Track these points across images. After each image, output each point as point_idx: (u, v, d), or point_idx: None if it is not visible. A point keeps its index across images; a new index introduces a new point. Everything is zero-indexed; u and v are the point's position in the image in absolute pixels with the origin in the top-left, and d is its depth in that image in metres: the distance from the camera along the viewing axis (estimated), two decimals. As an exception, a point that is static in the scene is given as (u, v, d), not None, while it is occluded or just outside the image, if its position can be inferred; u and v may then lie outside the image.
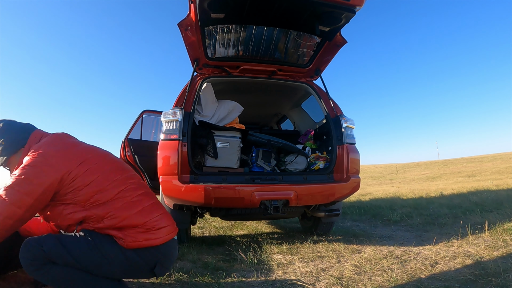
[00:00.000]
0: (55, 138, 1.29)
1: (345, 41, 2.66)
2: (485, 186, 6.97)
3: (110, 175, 1.25)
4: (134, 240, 1.20)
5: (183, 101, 2.52)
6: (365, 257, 2.08)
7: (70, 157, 1.21)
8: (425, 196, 6.00)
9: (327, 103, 2.88)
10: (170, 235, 1.30)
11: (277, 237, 3.06)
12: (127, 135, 4.01)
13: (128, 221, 1.20)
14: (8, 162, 1.30)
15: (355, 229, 3.41)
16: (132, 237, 1.20)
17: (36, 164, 1.15)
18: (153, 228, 1.24)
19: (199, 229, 3.76)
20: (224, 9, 2.31)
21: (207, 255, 2.34)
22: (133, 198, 1.25)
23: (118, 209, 1.20)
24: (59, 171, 1.16)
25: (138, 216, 1.23)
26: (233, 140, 2.72)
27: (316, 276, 1.76)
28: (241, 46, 2.83)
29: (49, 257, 1.11)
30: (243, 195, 2.24)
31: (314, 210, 2.76)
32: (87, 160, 1.23)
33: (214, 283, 1.65)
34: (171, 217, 1.36)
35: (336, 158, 2.64)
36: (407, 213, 4.01)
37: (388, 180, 22.22)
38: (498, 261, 1.77)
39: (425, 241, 2.52)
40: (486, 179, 11.63)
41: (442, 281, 1.56)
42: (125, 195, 1.24)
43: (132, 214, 1.21)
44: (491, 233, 2.47)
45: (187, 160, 2.32)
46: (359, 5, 2.22)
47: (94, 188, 1.19)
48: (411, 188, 9.62)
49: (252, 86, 3.31)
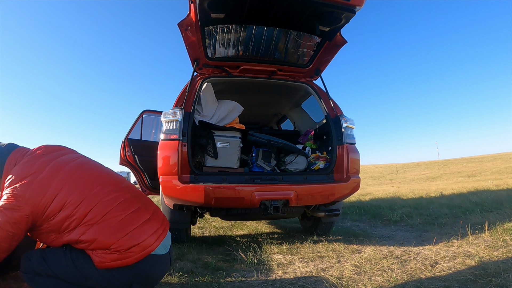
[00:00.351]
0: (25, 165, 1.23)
1: (345, 41, 2.66)
2: (485, 186, 6.97)
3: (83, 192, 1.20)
4: (102, 261, 1.16)
5: (183, 101, 2.52)
6: (365, 257, 2.08)
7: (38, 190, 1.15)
8: (425, 196, 6.00)
9: (327, 103, 2.88)
10: (146, 251, 1.19)
11: (277, 237, 3.06)
12: (127, 135, 4.01)
13: (96, 244, 1.15)
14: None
15: (355, 229, 3.41)
16: (100, 257, 1.16)
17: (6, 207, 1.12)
18: (122, 249, 1.16)
19: (199, 229, 3.76)
20: (224, 9, 2.31)
21: (207, 255, 2.34)
22: (104, 217, 1.18)
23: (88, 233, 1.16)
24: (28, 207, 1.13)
25: (106, 238, 1.16)
26: (233, 140, 2.72)
27: (316, 276, 1.76)
28: (241, 46, 2.83)
29: (34, 270, 1.20)
30: (243, 195, 2.24)
31: (314, 210, 2.76)
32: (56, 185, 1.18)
33: (214, 283, 1.65)
34: (153, 225, 1.26)
35: (336, 158, 2.64)
36: (407, 213, 4.01)
37: (388, 180, 22.23)
38: (498, 261, 1.77)
39: (425, 241, 2.52)
40: (486, 179, 11.63)
41: (442, 281, 1.56)
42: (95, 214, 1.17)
43: (101, 236, 1.15)
44: (491, 233, 2.47)
45: (187, 160, 2.32)
46: (359, 5, 2.22)
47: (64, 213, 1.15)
48: (411, 188, 9.62)
49: (252, 86, 3.31)
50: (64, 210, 1.15)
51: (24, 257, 1.23)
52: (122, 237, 1.17)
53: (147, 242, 1.20)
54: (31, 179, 1.17)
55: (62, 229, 1.17)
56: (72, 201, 1.17)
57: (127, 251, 1.17)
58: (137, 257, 1.18)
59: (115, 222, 1.19)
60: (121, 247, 1.16)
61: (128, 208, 1.24)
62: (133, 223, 1.21)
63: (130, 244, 1.17)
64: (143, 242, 1.19)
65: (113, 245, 1.15)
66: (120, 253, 1.16)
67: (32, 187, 1.15)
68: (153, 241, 1.22)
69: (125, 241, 1.17)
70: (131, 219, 1.22)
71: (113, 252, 1.16)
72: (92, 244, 1.16)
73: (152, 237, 1.23)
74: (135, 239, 1.19)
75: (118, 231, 1.17)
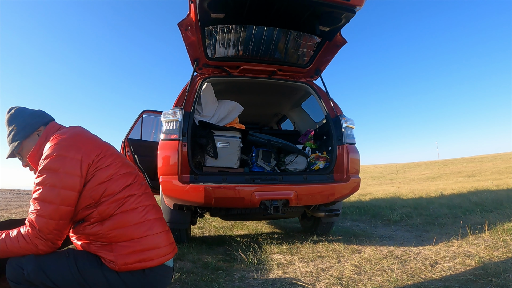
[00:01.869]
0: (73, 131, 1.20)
1: (345, 41, 2.66)
2: (485, 186, 6.97)
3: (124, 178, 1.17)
4: (125, 262, 1.09)
5: (183, 101, 2.52)
6: (365, 257, 2.08)
7: (91, 149, 1.14)
8: (425, 196, 6.00)
9: (327, 103, 2.88)
10: (165, 258, 1.17)
11: (277, 237, 3.06)
12: (127, 135, 4.02)
13: (127, 229, 1.11)
14: (21, 148, 1.24)
15: (355, 229, 3.41)
16: (124, 258, 1.10)
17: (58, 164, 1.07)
18: (147, 247, 1.12)
19: (199, 229, 3.77)
20: (224, 9, 2.31)
21: (207, 255, 2.34)
22: (137, 205, 1.16)
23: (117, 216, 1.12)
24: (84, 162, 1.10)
25: (135, 229, 1.12)
26: (233, 140, 2.72)
27: (316, 276, 1.76)
28: (241, 46, 2.83)
29: (29, 280, 1.06)
30: (243, 195, 2.24)
31: (314, 210, 2.76)
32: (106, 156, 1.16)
33: (214, 283, 1.65)
34: (171, 237, 1.25)
35: (336, 158, 2.64)
36: (407, 213, 4.01)
37: (388, 180, 22.22)
38: (498, 261, 1.77)
39: (425, 241, 2.52)
40: (486, 179, 11.62)
41: (442, 281, 1.56)
42: (127, 203, 1.14)
43: (128, 225, 1.12)
44: (491, 233, 2.47)
45: (187, 160, 2.32)
46: (359, 5, 2.22)
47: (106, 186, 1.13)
48: (411, 188, 9.62)
49: (252, 86, 3.31)
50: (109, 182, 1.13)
51: (13, 265, 1.06)
52: (152, 234, 1.14)
53: (166, 249, 1.18)
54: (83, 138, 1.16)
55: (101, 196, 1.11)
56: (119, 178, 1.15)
57: (151, 250, 1.13)
58: (157, 262, 1.14)
59: (150, 218, 1.17)
60: (149, 243, 1.13)
61: (156, 215, 1.23)
62: (159, 228, 1.19)
63: (155, 244, 1.14)
64: (164, 247, 1.17)
65: (142, 238, 1.12)
66: (144, 252, 1.12)
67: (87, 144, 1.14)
68: (170, 251, 1.20)
69: (153, 238, 1.14)
70: (157, 223, 1.20)
71: (139, 250, 1.11)
72: (122, 229, 1.10)
73: (169, 247, 1.21)
74: (161, 241, 1.16)
75: (150, 227, 1.15)
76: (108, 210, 1.11)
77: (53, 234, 1.07)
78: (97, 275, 1.09)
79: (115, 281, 1.10)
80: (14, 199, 7.85)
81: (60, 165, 1.07)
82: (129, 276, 1.11)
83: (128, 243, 1.11)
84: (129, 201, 1.14)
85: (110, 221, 1.11)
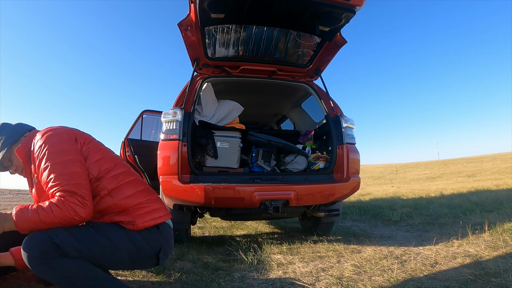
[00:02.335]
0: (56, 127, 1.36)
1: (345, 41, 2.66)
2: (485, 186, 6.97)
3: (113, 159, 1.36)
4: (143, 220, 1.25)
5: (183, 101, 2.52)
6: (365, 257, 2.08)
7: (78, 134, 1.32)
8: (425, 196, 6.00)
9: (327, 103, 2.88)
10: (167, 216, 1.36)
11: (277, 237, 3.06)
12: (127, 135, 4.02)
13: (131, 199, 1.26)
14: (10, 152, 1.35)
15: (355, 229, 3.41)
16: (141, 218, 1.25)
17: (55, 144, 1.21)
18: (153, 207, 1.31)
19: (199, 229, 3.77)
20: (224, 9, 2.31)
21: (207, 255, 2.34)
22: (129, 180, 1.33)
23: (120, 187, 1.28)
24: (77, 140, 1.28)
25: (139, 195, 1.30)
26: (233, 140, 2.72)
27: (316, 276, 1.76)
28: (241, 46, 2.83)
29: (62, 248, 1.06)
30: (243, 195, 2.24)
31: (314, 210, 2.76)
32: (92, 141, 1.35)
33: (214, 283, 1.64)
34: (162, 202, 1.41)
35: (336, 158, 2.64)
36: (407, 213, 4.01)
37: (388, 180, 22.23)
38: (498, 261, 1.76)
39: (425, 241, 2.52)
40: (486, 179, 11.62)
41: (442, 281, 1.56)
42: (122, 177, 1.31)
43: (132, 193, 1.29)
44: (491, 233, 2.47)
45: (187, 160, 2.32)
46: (359, 5, 2.22)
47: (101, 163, 1.29)
48: (411, 188, 9.62)
49: (252, 86, 3.31)
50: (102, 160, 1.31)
51: (40, 236, 1.06)
52: (152, 198, 1.34)
53: (165, 210, 1.37)
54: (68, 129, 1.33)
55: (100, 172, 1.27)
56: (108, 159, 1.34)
57: (157, 210, 1.32)
58: (164, 218, 1.33)
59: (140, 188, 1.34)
60: (153, 204, 1.32)
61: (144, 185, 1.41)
62: (154, 194, 1.38)
63: (157, 205, 1.34)
64: (163, 209, 1.36)
65: (148, 201, 1.31)
66: (154, 211, 1.30)
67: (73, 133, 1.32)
68: (167, 212, 1.38)
69: (154, 201, 1.34)
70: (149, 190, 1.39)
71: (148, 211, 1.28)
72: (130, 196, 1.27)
73: (166, 209, 1.39)
74: (159, 203, 1.36)
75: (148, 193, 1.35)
76: (111, 184, 1.26)
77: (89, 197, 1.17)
78: (121, 235, 1.21)
79: (137, 239, 1.24)
80: (14, 199, 7.86)
81: (57, 141, 1.22)
82: (147, 233, 1.26)
83: (139, 206, 1.28)
84: (124, 175, 1.32)
85: (117, 192, 1.26)
